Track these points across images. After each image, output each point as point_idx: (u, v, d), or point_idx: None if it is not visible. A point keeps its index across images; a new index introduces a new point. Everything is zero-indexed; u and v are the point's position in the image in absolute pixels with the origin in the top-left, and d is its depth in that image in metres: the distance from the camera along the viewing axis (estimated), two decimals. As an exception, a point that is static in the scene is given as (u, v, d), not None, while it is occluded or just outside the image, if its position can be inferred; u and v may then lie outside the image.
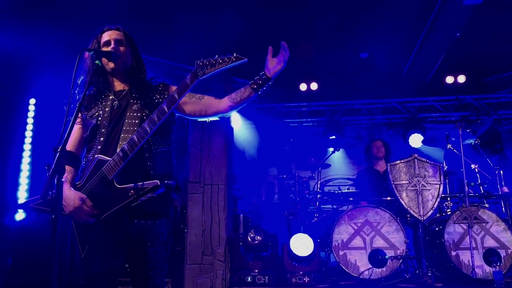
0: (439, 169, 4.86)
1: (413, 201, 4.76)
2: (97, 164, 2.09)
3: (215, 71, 2.07)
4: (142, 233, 2.10)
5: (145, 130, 2.05)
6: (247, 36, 5.32)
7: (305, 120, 7.65)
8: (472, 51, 6.13)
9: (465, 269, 4.51)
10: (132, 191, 2.00)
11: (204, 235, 4.75)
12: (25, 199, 5.05)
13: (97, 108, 2.26)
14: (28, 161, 5.22)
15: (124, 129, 2.15)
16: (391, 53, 6.31)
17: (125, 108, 2.22)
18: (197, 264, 4.66)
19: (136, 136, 2.05)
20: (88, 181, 2.10)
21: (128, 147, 2.04)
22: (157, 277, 2.13)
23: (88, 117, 2.25)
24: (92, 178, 2.09)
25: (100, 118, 2.20)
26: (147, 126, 2.05)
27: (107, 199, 2.04)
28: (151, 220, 2.12)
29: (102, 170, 2.06)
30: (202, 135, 5.05)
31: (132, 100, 2.24)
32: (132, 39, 2.39)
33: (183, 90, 2.10)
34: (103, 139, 2.16)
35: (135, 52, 2.36)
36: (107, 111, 2.22)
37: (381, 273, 4.61)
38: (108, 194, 2.05)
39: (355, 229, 4.84)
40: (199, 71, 2.08)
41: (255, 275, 4.59)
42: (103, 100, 2.28)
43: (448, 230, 4.69)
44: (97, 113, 2.23)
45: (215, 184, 4.91)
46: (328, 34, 5.87)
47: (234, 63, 2.07)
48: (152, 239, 2.11)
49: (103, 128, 2.18)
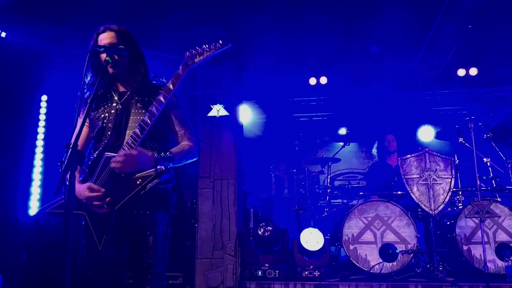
0: (450, 163, 4.82)
1: (424, 195, 4.73)
2: (105, 161, 2.20)
3: (204, 59, 2.22)
4: (142, 223, 2.21)
5: (146, 122, 2.17)
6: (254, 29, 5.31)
7: (314, 114, 7.62)
8: (484, 43, 6.05)
9: (477, 263, 4.48)
10: (140, 180, 2.12)
11: (214, 229, 4.78)
12: (38, 208, 5.11)
13: (103, 110, 2.35)
14: (41, 157, 5.28)
15: (128, 132, 2.25)
16: (402, 46, 6.25)
17: (128, 110, 2.32)
18: (208, 258, 4.69)
19: (138, 129, 2.17)
20: (98, 178, 2.21)
21: (132, 140, 2.16)
22: (157, 266, 2.21)
23: (95, 119, 2.35)
24: (101, 175, 2.20)
25: (106, 120, 2.31)
26: (147, 118, 2.18)
27: (118, 191, 2.15)
28: (149, 210, 2.22)
29: (110, 166, 2.17)
30: (211, 130, 5.07)
31: (135, 102, 2.33)
32: (129, 38, 2.39)
33: (176, 79, 2.22)
34: (109, 141, 2.28)
35: (133, 52, 2.36)
36: (112, 113, 2.32)
37: (392, 268, 4.60)
38: (118, 186, 2.16)
39: (365, 224, 4.83)
40: (189, 60, 2.22)
41: (266, 269, 4.61)
42: (108, 101, 2.37)
43: (459, 224, 4.65)
44: (103, 115, 2.33)
45: (225, 179, 4.92)
46: (338, 28, 5.83)
47: (221, 49, 2.22)
48: (152, 228, 2.21)
49: (109, 130, 2.29)
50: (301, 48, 6.20)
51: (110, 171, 2.17)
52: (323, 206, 5.65)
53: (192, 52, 2.23)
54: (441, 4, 5.20)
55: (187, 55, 2.23)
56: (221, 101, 5.11)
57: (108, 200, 2.15)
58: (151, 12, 5.08)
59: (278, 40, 5.78)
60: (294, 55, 6.33)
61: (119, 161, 2.11)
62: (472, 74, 6.82)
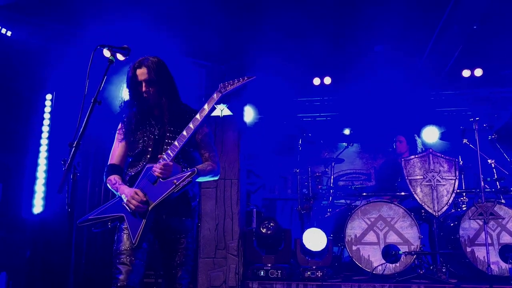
0: (454, 164, 4.80)
1: (428, 196, 4.72)
2: (146, 170, 2.58)
3: (234, 88, 2.69)
4: (175, 226, 2.61)
5: (183, 135, 2.58)
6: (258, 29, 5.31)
7: (318, 114, 7.62)
8: (489, 43, 6.02)
9: (481, 265, 4.46)
10: (175, 181, 2.49)
11: (217, 229, 4.78)
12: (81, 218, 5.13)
13: (142, 134, 2.70)
14: (45, 156, 5.30)
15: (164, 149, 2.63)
16: (406, 46, 6.23)
17: (164, 133, 2.69)
18: (211, 258, 4.70)
19: (176, 141, 2.57)
20: (139, 184, 2.57)
21: (171, 151, 2.55)
22: (188, 265, 2.62)
23: (134, 141, 2.70)
24: (141, 181, 2.57)
25: (145, 144, 2.67)
26: (185, 132, 2.59)
27: (156, 191, 2.51)
28: (178, 217, 2.63)
29: (149, 172, 2.55)
30: (215, 130, 5.07)
31: (169, 127, 2.69)
32: (164, 69, 2.75)
33: (212, 103, 2.65)
34: (148, 161, 2.63)
35: (167, 85, 2.75)
36: (152, 138, 2.69)
37: (395, 269, 4.59)
38: (155, 188, 2.52)
39: (368, 224, 4.82)
40: (222, 89, 2.68)
41: (268, 269, 4.61)
42: (146, 125, 2.72)
43: (463, 225, 4.63)
44: (142, 139, 2.69)
45: (228, 178, 4.93)
46: (342, 27, 5.82)
47: (246, 81, 2.70)
48: (185, 232, 2.63)
49: (148, 154, 2.65)
50: (305, 48, 6.19)
51: (149, 177, 2.54)
52: (326, 206, 5.64)
53: (225, 84, 2.69)
54: (446, 5, 5.18)
55: (220, 85, 2.69)
56: (224, 100, 5.11)
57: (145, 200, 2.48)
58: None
59: (282, 39, 5.78)
60: (298, 54, 6.32)
61: (159, 168, 2.50)
62: (477, 74, 6.79)
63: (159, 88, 2.70)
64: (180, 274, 2.57)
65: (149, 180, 2.54)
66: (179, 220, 2.62)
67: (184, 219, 2.63)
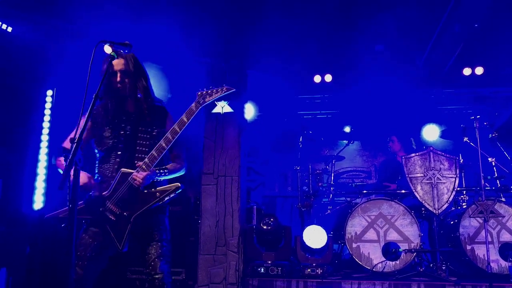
0: (455, 162, 4.80)
1: (428, 194, 4.72)
2: (122, 176, 2.59)
3: (212, 100, 2.68)
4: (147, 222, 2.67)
5: (163, 147, 2.59)
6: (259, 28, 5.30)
7: (319, 112, 7.61)
8: (490, 42, 6.01)
9: (480, 263, 4.47)
10: (158, 193, 2.59)
11: (217, 226, 4.79)
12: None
13: (111, 130, 2.69)
14: (46, 152, 5.30)
15: (137, 149, 2.68)
16: (407, 45, 6.22)
17: (136, 130, 2.70)
18: (211, 254, 4.70)
19: (155, 151, 2.58)
20: (116, 191, 2.60)
21: (149, 161, 2.57)
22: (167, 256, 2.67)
23: (104, 136, 2.68)
24: (119, 188, 2.59)
25: (116, 140, 2.67)
26: (164, 143, 2.59)
27: (137, 201, 2.57)
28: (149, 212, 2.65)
29: (128, 180, 2.56)
30: (216, 127, 5.06)
31: (142, 122, 2.71)
32: (140, 64, 2.75)
33: (190, 115, 2.64)
34: (119, 159, 2.65)
35: (143, 80, 2.73)
36: (122, 134, 2.68)
37: (395, 266, 4.60)
38: (136, 198, 2.58)
39: (368, 222, 4.83)
40: (200, 99, 2.67)
41: (268, 266, 4.62)
42: (116, 120, 2.70)
43: (463, 223, 4.64)
44: (112, 135, 2.68)
45: (228, 175, 4.92)
46: (343, 26, 5.81)
47: (225, 93, 2.69)
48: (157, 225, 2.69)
49: (119, 150, 2.67)
50: (306, 46, 6.18)
51: (129, 185, 2.56)
52: (326, 203, 5.65)
53: (202, 93, 2.68)
54: (447, 3, 5.17)
55: (199, 95, 2.68)
56: (225, 97, 5.11)
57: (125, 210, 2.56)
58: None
59: (283, 37, 5.77)
60: (299, 52, 6.31)
61: (140, 179, 2.53)
62: (478, 73, 6.77)
63: (134, 81, 2.69)
64: (159, 264, 2.60)
65: (128, 188, 2.58)
66: (149, 215, 2.67)
67: (155, 214, 2.70)
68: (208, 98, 2.67)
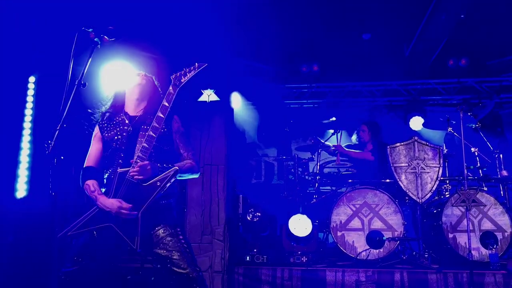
0: (438, 152, 4.86)
1: (412, 183, 4.78)
2: (119, 176, 2.58)
3: (188, 79, 2.68)
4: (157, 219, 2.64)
5: (151, 136, 2.59)
6: (248, 14, 5.25)
7: (305, 101, 7.61)
8: (476, 33, 6.06)
9: (462, 251, 4.56)
10: (158, 183, 2.54)
11: (203, 215, 4.79)
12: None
13: (115, 132, 2.72)
14: (29, 140, 5.21)
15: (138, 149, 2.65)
16: (394, 34, 6.24)
17: (137, 132, 2.69)
18: (197, 243, 4.71)
19: (146, 143, 2.58)
20: (117, 191, 2.57)
21: (142, 153, 2.57)
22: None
23: (108, 139, 2.72)
24: (120, 188, 2.56)
25: (119, 142, 2.69)
26: (152, 132, 2.59)
27: (140, 196, 2.54)
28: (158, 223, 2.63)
29: (126, 178, 2.55)
30: (202, 116, 5.04)
31: (143, 126, 2.71)
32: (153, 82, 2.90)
33: (170, 98, 2.65)
34: (121, 161, 2.65)
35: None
36: (125, 136, 2.71)
37: (378, 254, 4.66)
38: (139, 193, 2.54)
39: (353, 211, 4.88)
40: (177, 82, 2.67)
41: (254, 254, 4.65)
42: (119, 123, 2.76)
43: (446, 212, 4.72)
44: (116, 137, 2.71)
45: (214, 164, 4.91)
46: (330, 15, 5.79)
47: (199, 69, 2.68)
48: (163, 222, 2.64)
49: (122, 152, 2.67)
50: (293, 35, 6.16)
51: (128, 183, 2.55)
52: (312, 193, 5.67)
53: (176, 75, 2.69)
54: (434, -7, 5.18)
55: (173, 77, 2.68)
56: (211, 85, 5.08)
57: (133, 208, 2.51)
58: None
59: (270, 26, 5.73)
60: (286, 41, 6.29)
61: (136, 171, 2.51)
62: (463, 64, 6.85)
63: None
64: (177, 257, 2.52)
65: (128, 186, 2.54)
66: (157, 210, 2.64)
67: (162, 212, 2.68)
68: (184, 79, 2.67)
